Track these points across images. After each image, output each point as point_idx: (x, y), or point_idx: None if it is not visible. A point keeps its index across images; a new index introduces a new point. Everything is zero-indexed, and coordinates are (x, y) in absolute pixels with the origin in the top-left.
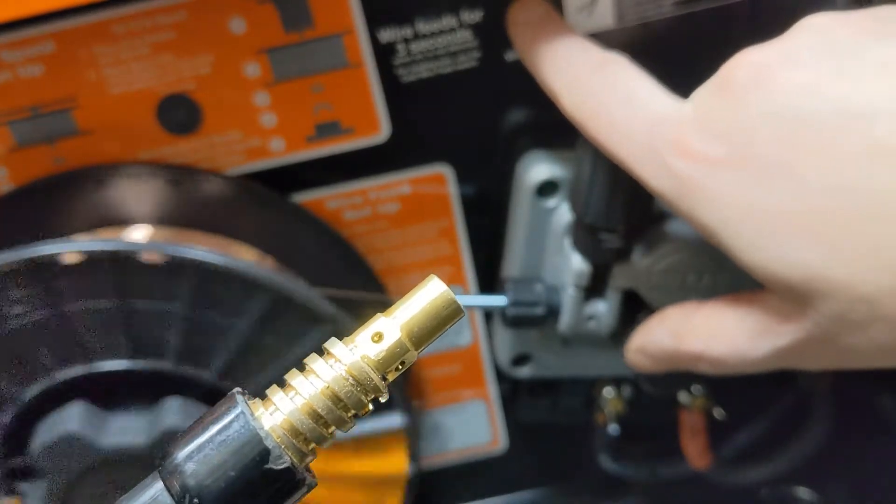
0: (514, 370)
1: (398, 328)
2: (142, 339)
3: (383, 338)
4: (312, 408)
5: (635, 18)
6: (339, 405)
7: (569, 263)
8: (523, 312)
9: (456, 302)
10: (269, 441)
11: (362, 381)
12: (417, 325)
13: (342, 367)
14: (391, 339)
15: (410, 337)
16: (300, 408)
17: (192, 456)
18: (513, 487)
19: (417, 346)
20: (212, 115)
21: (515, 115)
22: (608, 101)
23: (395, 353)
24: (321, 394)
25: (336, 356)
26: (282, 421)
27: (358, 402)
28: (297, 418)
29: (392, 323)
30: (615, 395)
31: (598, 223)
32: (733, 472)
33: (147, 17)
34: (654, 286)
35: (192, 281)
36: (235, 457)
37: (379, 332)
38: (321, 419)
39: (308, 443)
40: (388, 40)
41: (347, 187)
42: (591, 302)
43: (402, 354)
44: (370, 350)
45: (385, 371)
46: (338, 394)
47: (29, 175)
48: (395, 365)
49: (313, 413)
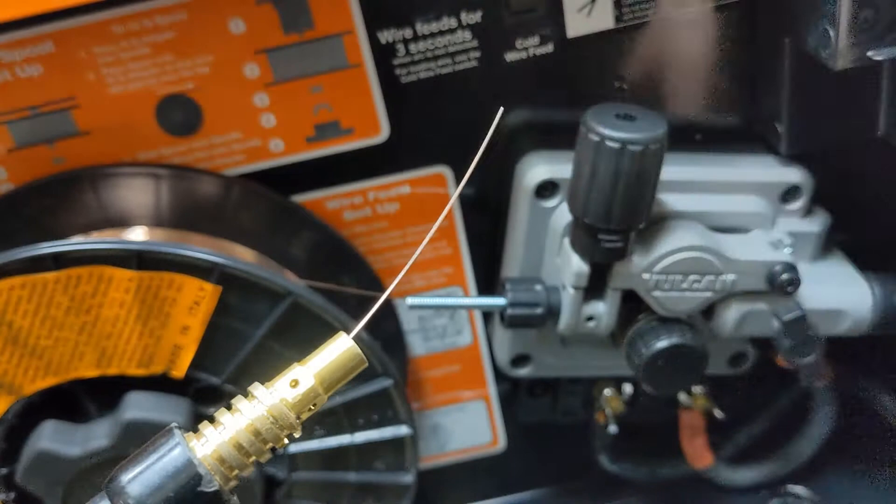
0: (513, 370)
1: (312, 376)
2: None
3: (299, 384)
4: (237, 441)
5: (635, 18)
6: (260, 439)
7: (568, 264)
8: (523, 313)
9: (360, 355)
10: (201, 468)
11: (280, 419)
12: (328, 374)
13: (264, 407)
14: (306, 385)
15: (322, 384)
16: (227, 441)
17: (135, 479)
18: (513, 487)
19: (327, 391)
20: (211, 115)
21: (515, 116)
22: None
23: (308, 397)
24: (245, 429)
25: (258, 398)
26: (212, 451)
27: (275, 437)
28: (224, 449)
29: (307, 371)
30: (615, 395)
31: (598, 223)
32: (733, 472)
33: (146, 18)
34: (653, 287)
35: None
36: (173, 481)
37: (295, 379)
38: (244, 450)
39: (232, 469)
40: (388, 41)
41: (347, 188)
42: (591, 302)
43: (315, 398)
44: (288, 394)
45: (300, 412)
46: (259, 430)
47: (28, 175)
48: (309, 406)
49: (238, 445)
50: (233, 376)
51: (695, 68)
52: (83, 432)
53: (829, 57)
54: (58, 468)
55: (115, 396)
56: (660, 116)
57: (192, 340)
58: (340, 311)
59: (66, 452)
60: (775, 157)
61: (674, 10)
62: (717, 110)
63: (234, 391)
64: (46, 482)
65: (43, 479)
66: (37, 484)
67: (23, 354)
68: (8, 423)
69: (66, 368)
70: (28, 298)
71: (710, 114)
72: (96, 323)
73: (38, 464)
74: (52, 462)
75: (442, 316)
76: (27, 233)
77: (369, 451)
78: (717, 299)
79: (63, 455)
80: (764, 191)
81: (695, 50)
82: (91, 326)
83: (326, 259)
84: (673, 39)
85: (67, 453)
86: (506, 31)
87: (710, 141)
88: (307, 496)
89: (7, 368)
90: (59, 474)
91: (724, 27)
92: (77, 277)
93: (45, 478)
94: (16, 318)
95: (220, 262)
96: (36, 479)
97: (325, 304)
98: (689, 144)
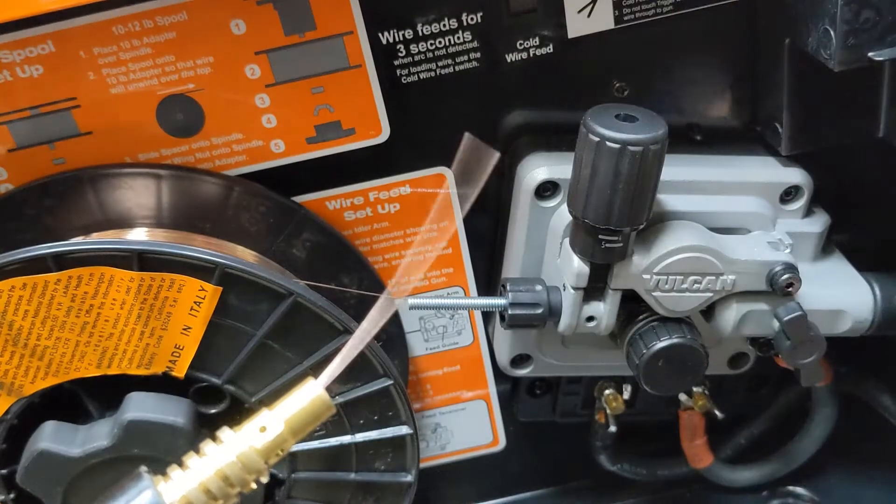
0: (513, 370)
1: (281, 422)
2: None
3: (267, 429)
4: (206, 486)
5: (635, 19)
6: (227, 482)
7: (568, 264)
8: (523, 313)
9: (329, 402)
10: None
11: (248, 464)
12: (296, 420)
13: (232, 452)
14: (274, 431)
15: (290, 429)
16: (196, 486)
17: None
18: (513, 487)
19: (295, 436)
20: (212, 116)
21: (515, 117)
22: None
23: (277, 443)
24: (214, 474)
25: (226, 442)
26: (180, 497)
27: (243, 481)
28: (193, 494)
29: (275, 417)
30: (615, 395)
31: (598, 223)
32: (733, 472)
33: (147, 18)
34: (653, 287)
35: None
36: None
37: (264, 425)
38: (211, 494)
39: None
40: (389, 41)
41: (348, 188)
42: (591, 302)
43: (283, 443)
44: (256, 439)
45: (267, 458)
46: (227, 474)
47: (28, 176)
48: (276, 451)
49: (206, 490)
50: (233, 376)
51: (695, 68)
52: (84, 433)
53: (830, 57)
54: (58, 468)
55: (115, 397)
56: (660, 117)
57: (192, 341)
58: (341, 312)
59: (67, 453)
60: (775, 157)
61: (674, 10)
62: (716, 110)
63: (235, 391)
64: (47, 482)
65: (43, 480)
66: (37, 484)
67: (23, 355)
68: (8, 424)
69: (66, 369)
70: (29, 299)
71: (710, 114)
72: (97, 323)
73: (38, 464)
74: (53, 462)
75: (442, 316)
76: (27, 233)
77: (370, 451)
78: (717, 299)
79: (63, 455)
80: (764, 191)
81: (695, 50)
82: (91, 327)
83: (327, 259)
84: (673, 40)
85: (68, 454)
86: (506, 31)
87: (710, 141)
88: (308, 496)
89: (7, 369)
90: (59, 475)
91: (724, 27)
92: (78, 278)
93: (46, 478)
94: (16, 319)
95: (221, 262)
96: (36, 479)
97: (325, 304)
98: (689, 145)
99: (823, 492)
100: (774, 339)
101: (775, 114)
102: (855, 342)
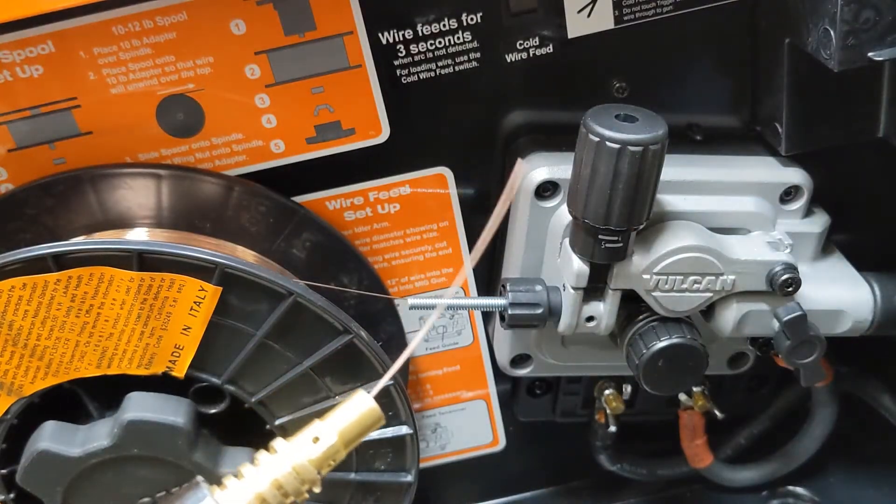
0: (513, 370)
1: (335, 433)
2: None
3: (320, 440)
4: (262, 496)
5: (635, 19)
6: (282, 492)
7: (568, 264)
8: (523, 313)
9: (380, 413)
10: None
11: (303, 475)
12: (349, 430)
13: (288, 463)
14: (327, 441)
15: (343, 440)
16: (253, 497)
17: None
18: (513, 487)
19: (347, 446)
20: (212, 116)
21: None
22: None
23: (329, 453)
24: (270, 485)
25: (281, 452)
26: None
27: (297, 491)
28: (249, 503)
29: (329, 428)
30: (615, 395)
31: (598, 223)
32: (733, 471)
33: (147, 18)
34: (653, 287)
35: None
36: None
37: (317, 435)
38: (266, 503)
39: None
40: (389, 41)
41: (348, 188)
42: (591, 302)
43: (335, 454)
44: (310, 450)
45: (321, 467)
46: (283, 484)
47: (28, 176)
48: (329, 461)
49: (262, 499)
50: (233, 376)
51: (694, 69)
52: (84, 433)
53: (829, 57)
54: (58, 468)
55: (115, 397)
56: (660, 117)
57: (192, 341)
58: (341, 312)
59: (67, 453)
60: (775, 157)
61: (674, 10)
62: (716, 110)
63: (235, 391)
64: (47, 482)
65: (43, 480)
66: (37, 484)
67: (23, 355)
68: (8, 424)
69: (66, 369)
70: (29, 299)
71: (710, 114)
72: (97, 323)
73: (38, 464)
74: (53, 462)
75: (442, 316)
76: (27, 233)
77: (370, 451)
78: (717, 299)
79: (63, 455)
80: (764, 191)
81: (694, 50)
82: (91, 327)
83: (327, 259)
84: (673, 40)
85: (68, 454)
86: (506, 31)
87: (710, 141)
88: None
89: (7, 369)
90: (59, 475)
91: (724, 27)
92: (78, 278)
93: (46, 478)
94: (16, 319)
95: (221, 262)
96: (36, 479)
97: (325, 304)
98: (689, 145)
99: (823, 492)
100: (774, 339)
101: (775, 114)
102: (855, 342)
